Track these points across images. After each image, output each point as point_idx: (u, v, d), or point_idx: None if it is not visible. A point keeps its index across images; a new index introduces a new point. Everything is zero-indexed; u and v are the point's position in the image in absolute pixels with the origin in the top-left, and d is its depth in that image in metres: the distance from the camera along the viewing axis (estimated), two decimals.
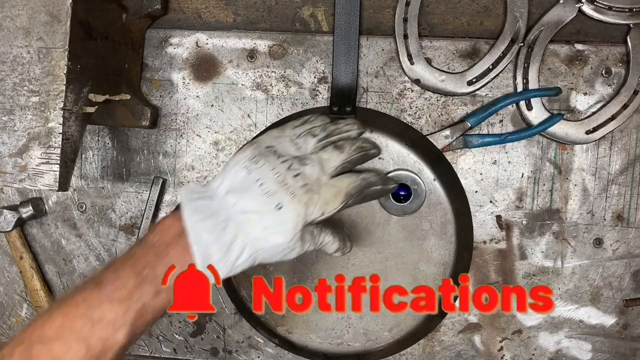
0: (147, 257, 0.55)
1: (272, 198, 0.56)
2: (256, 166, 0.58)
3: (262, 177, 0.57)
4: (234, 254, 0.56)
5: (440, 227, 0.82)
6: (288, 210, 0.56)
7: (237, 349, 0.87)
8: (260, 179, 0.57)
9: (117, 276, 0.54)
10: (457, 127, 0.78)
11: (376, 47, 0.80)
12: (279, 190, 0.57)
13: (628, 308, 0.80)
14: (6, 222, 0.84)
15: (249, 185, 0.57)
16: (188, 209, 0.56)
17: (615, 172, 0.79)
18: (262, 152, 0.60)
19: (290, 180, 0.57)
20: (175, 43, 0.83)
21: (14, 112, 0.64)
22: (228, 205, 0.56)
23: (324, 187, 0.59)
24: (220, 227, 0.55)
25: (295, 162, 0.59)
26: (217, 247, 0.55)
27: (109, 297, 0.53)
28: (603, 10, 0.75)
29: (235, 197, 0.57)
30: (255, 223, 0.56)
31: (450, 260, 0.82)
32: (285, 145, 0.61)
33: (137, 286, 0.54)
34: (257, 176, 0.57)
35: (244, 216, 0.56)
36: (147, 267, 0.55)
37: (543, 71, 0.78)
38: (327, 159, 0.61)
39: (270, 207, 0.56)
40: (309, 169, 0.59)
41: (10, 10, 0.64)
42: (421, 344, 0.84)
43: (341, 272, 0.83)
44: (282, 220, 0.56)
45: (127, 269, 0.55)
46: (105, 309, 0.52)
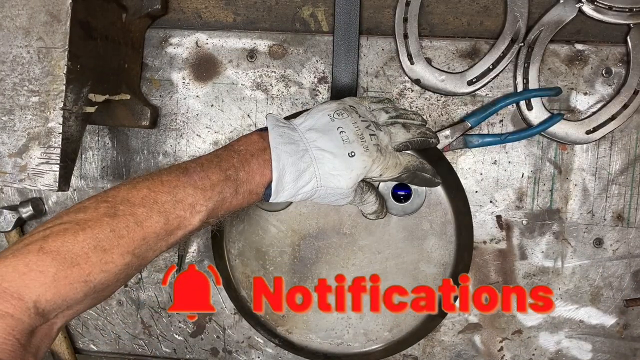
0: (231, 160, 0.62)
1: (348, 145, 0.63)
2: (340, 117, 0.65)
3: (343, 126, 0.64)
4: (303, 181, 0.63)
5: (440, 227, 0.82)
6: (357, 160, 0.63)
7: (237, 349, 0.87)
8: (341, 127, 0.64)
9: (202, 169, 0.60)
10: (457, 127, 0.78)
11: (376, 47, 0.80)
12: (355, 140, 0.64)
13: (628, 308, 0.80)
14: (6, 222, 0.84)
15: (331, 129, 0.64)
16: (273, 132, 0.63)
17: (616, 172, 0.79)
18: (347, 108, 0.67)
19: (367, 136, 0.64)
20: (175, 43, 0.83)
21: (14, 112, 0.64)
22: (308, 139, 0.64)
23: (389, 155, 0.66)
24: (298, 155, 0.62)
25: (372, 125, 0.66)
26: (291, 169, 0.62)
27: (193, 183, 0.58)
28: (603, 10, 0.75)
29: (316, 135, 0.64)
30: (327, 161, 0.63)
31: (450, 260, 0.82)
32: (364, 111, 0.68)
33: (221, 181, 0.60)
34: (339, 124, 0.64)
35: (320, 152, 0.63)
36: (231, 169, 0.61)
37: (543, 71, 0.78)
38: (395, 133, 0.67)
39: (344, 152, 0.63)
40: (382, 134, 0.66)
41: (10, 10, 0.64)
42: (421, 344, 0.84)
43: (341, 272, 0.83)
44: (350, 166, 0.63)
45: (213, 165, 0.61)
46: (188, 192, 0.58)
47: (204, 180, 0.59)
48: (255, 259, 0.84)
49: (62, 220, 0.54)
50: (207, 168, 0.60)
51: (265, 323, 0.85)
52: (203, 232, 0.86)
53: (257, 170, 0.62)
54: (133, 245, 0.54)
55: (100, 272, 0.53)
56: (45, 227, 0.53)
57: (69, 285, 0.51)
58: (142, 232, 0.55)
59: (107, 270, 0.53)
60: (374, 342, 0.84)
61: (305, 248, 0.83)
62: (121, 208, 0.55)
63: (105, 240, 0.53)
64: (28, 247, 0.50)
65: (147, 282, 0.87)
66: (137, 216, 0.55)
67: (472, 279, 0.82)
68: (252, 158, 0.62)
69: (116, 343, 0.89)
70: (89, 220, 0.53)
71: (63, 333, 0.88)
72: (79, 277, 0.51)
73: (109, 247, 0.53)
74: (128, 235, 0.54)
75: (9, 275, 0.49)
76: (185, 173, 0.59)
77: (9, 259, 0.50)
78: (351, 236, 0.82)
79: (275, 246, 0.83)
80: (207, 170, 0.60)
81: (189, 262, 0.86)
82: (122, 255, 0.54)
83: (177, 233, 0.58)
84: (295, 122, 0.67)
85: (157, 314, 0.88)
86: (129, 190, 0.57)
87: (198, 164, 0.61)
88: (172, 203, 0.57)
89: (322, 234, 0.83)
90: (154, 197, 0.57)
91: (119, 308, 0.88)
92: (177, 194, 0.58)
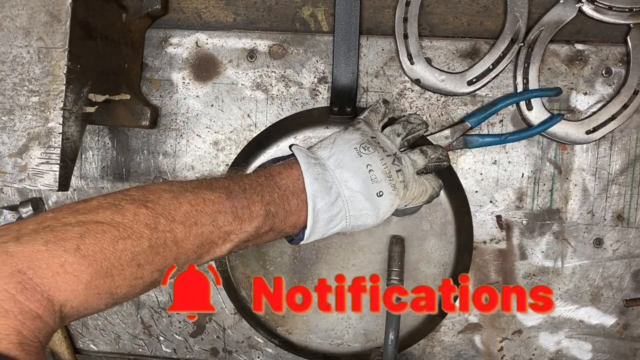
0: (273, 195, 0.61)
1: (376, 185, 0.65)
2: (366, 152, 0.66)
3: (372, 164, 0.65)
4: (333, 224, 0.65)
5: (440, 227, 0.82)
6: (385, 199, 0.65)
7: (237, 349, 0.87)
8: (370, 164, 0.65)
9: (245, 196, 0.58)
10: (457, 127, 0.78)
11: (376, 47, 0.80)
12: (383, 179, 0.65)
13: (628, 308, 0.80)
14: (6, 223, 0.84)
15: (359, 167, 0.65)
16: (309, 175, 0.63)
17: (616, 172, 0.79)
18: (370, 141, 0.67)
19: (394, 174, 0.66)
20: (175, 43, 0.83)
21: (14, 112, 0.64)
22: (340, 180, 0.64)
23: (415, 184, 0.69)
24: (331, 199, 0.63)
25: (396, 159, 0.68)
26: (325, 216, 0.63)
27: (234, 211, 0.57)
28: (603, 10, 0.75)
29: (346, 175, 0.64)
30: (358, 203, 0.64)
31: (450, 261, 0.82)
32: (382, 139, 0.70)
33: (260, 216, 0.59)
34: (368, 161, 0.65)
35: (352, 194, 0.64)
36: (272, 204, 0.60)
37: (543, 71, 0.78)
38: (415, 160, 0.70)
39: (374, 192, 0.65)
40: (405, 167, 0.68)
41: (10, 10, 0.64)
42: (421, 344, 0.84)
43: (341, 272, 0.83)
44: (378, 205, 0.65)
45: (255, 195, 0.59)
46: (228, 220, 0.56)
47: (245, 210, 0.58)
48: (255, 259, 0.84)
49: (98, 217, 0.50)
50: (250, 196, 0.59)
51: (265, 323, 0.85)
52: None
53: (295, 211, 0.62)
54: (165, 263, 0.52)
55: (128, 287, 0.50)
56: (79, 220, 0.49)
57: (96, 295, 0.48)
58: (176, 252, 0.53)
59: (135, 285, 0.51)
60: (374, 342, 0.84)
61: (305, 248, 0.83)
62: (162, 222, 0.52)
63: (142, 255, 0.50)
64: (64, 244, 0.46)
65: None
66: (176, 235, 0.52)
67: (472, 278, 0.82)
68: (292, 197, 0.62)
69: (116, 343, 0.89)
70: (128, 227, 0.50)
71: (63, 333, 0.88)
72: (109, 288, 0.49)
73: (144, 262, 0.50)
74: (163, 253, 0.52)
75: (42, 271, 0.45)
76: (229, 196, 0.57)
77: (42, 252, 0.45)
78: (351, 236, 0.82)
79: (275, 246, 0.83)
80: (249, 199, 0.58)
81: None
82: (152, 273, 0.51)
83: (204, 258, 0.56)
84: (321, 155, 0.66)
85: (157, 314, 0.88)
86: (171, 200, 0.54)
87: (241, 188, 0.59)
88: (211, 228, 0.55)
89: None
90: (195, 216, 0.54)
91: (119, 308, 0.88)
92: (217, 219, 0.55)
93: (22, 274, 0.44)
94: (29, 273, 0.44)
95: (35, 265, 0.45)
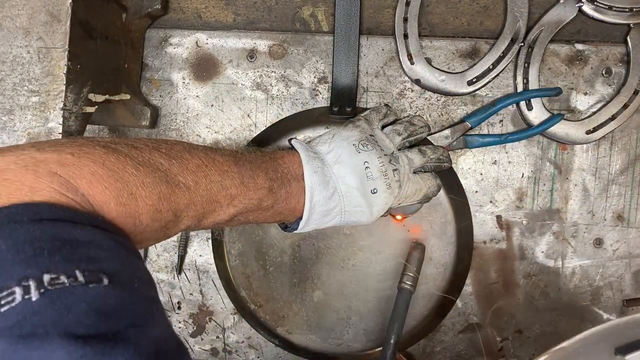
0: (276, 173, 0.62)
1: (372, 182, 0.65)
2: (365, 149, 0.66)
3: (369, 161, 0.66)
4: (328, 218, 0.66)
5: (440, 227, 0.82)
6: (379, 197, 0.66)
7: (237, 349, 0.87)
8: (367, 161, 0.66)
9: (251, 167, 0.60)
10: (457, 127, 0.78)
11: (376, 47, 0.80)
12: (379, 177, 0.66)
13: (628, 308, 0.80)
14: None
15: (357, 163, 0.65)
16: (308, 168, 0.64)
17: (616, 172, 0.79)
18: (369, 138, 0.68)
19: (390, 172, 0.67)
20: (175, 43, 0.83)
21: (14, 112, 0.64)
22: (337, 175, 0.65)
23: (409, 183, 0.69)
24: (329, 194, 0.64)
25: (393, 158, 0.68)
26: (320, 210, 0.64)
27: (240, 177, 0.58)
28: (603, 10, 0.75)
29: (344, 171, 0.65)
30: (354, 199, 0.65)
31: (450, 261, 0.82)
32: (381, 137, 0.70)
33: (264, 188, 0.60)
34: (365, 158, 0.66)
35: (348, 190, 0.65)
36: (276, 182, 0.61)
37: (543, 71, 0.78)
38: (412, 158, 0.70)
39: (369, 189, 0.65)
40: (401, 166, 0.68)
41: (10, 10, 0.64)
42: (421, 344, 0.84)
43: (341, 272, 0.83)
44: (372, 203, 0.66)
45: (260, 169, 0.61)
46: (235, 183, 0.57)
47: (250, 180, 0.59)
48: (255, 259, 0.84)
49: (118, 147, 0.48)
50: (256, 169, 0.60)
51: (265, 323, 0.85)
52: (203, 232, 0.86)
53: (295, 195, 0.63)
54: (178, 206, 0.52)
55: (149, 219, 0.49)
56: (99, 143, 0.48)
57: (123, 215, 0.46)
58: (188, 198, 0.52)
59: (155, 219, 0.50)
60: (374, 342, 0.84)
61: (305, 248, 0.83)
62: (176, 165, 0.52)
63: (161, 186, 0.49)
64: (90, 157, 0.45)
65: None
66: (188, 181, 0.52)
67: (472, 279, 0.82)
68: (293, 181, 0.63)
69: None
70: (144, 162, 0.49)
71: None
72: (134, 212, 0.47)
73: (163, 197, 0.50)
74: (178, 193, 0.51)
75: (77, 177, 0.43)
76: (236, 163, 0.59)
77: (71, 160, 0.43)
78: (351, 236, 0.82)
79: (275, 246, 0.83)
80: (254, 170, 0.60)
81: (189, 262, 0.86)
82: (168, 211, 0.51)
83: (208, 218, 0.56)
84: (320, 150, 0.67)
85: None
86: (183, 152, 0.54)
87: (247, 161, 0.60)
88: (218, 187, 0.56)
89: (322, 234, 0.83)
90: (205, 171, 0.55)
91: None
92: (224, 179, 0.56)
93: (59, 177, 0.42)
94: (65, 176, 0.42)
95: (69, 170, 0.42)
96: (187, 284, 0.87)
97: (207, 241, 0.85)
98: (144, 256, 0.87)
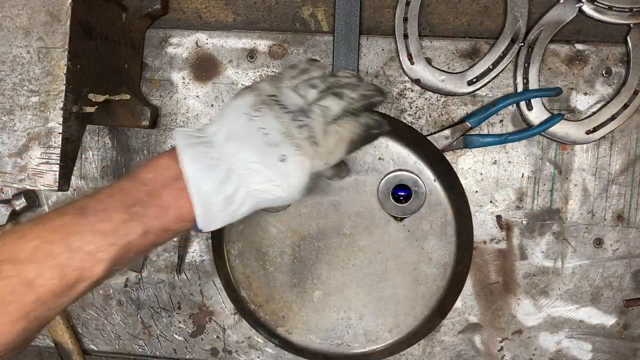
0: (138, 194, 0.52)
1: (276, 149, 0.53)
2: (259, 114, 0.55)
3: (266, 126, 0.54)
4: (236, 205, 0.54)
5: (440, 227, 0.82)
6: (292, 163, 0.54)
7: (237, 349, 0.87)
8: (263, 127, 0.54)
9: (103, 207, 0.51)
10: (457, 127, 0.78)
11: (376, 47, 0.80)
12: (283, 141, 0.54)
13: (628, 308, 0.80)
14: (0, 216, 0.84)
15: (251, 133, 0.54)
16: (187, 156, 0.53)
17: (616, 172, 0.79)
18: (265, 100, 0.56)
19: (295, 131, 0.54)
20: (175, 43, 0.83)
21: (14, 112, 0.64)
22: (229, 154, 0.54)
23: (327, 136, 0.56)
24: (221, 178, 0.53)
25: (300, 113, 0.56)
26: (218, 198, 0.53)
27: (91, 227, 0.50)
28: (603, 10, 0.75)
29: (236, 146, 0.54)
30: (257, 175, 0.53)
31: (450, 261, 0.82)
32: (287, 94, 0.58)
33: (125, 222, 0.51)
34: (260, 124, 0.54)
35: (246, 167, 0.53)
36: (138, 205, 0.52)
37: (543, 71, 0.78)
38: (328, 106, 0.57)
39: (274, 158, 0.53)
40: (313, 119, 0.56)
41: (10, 10, 0.64)
42: (421, 344, 0.84)
43: (341, 272, 0.83)
44: (286, 172, 0.54)
45: (115, 202, 0.52)
46: (86, 239, 0.50)
47: (105, 223, 0.50)
48: (255, 260, 0.84)
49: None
50: (109, 206, 0.51)
51: (265, 323, 0.85)
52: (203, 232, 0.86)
53: (171, 203, 0.53)
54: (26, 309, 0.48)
55: None
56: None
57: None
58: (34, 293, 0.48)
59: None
60: (374, 342, 0.84)
61: (305, 248, 0.83)
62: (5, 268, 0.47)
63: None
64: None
65: (147, 282, 0.87)
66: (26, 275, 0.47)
67: (472, 279, 0.82)
68: (163, 190, 0.53)
69: (116, 343, 0.89)
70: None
71: (65, 323, 0.88)
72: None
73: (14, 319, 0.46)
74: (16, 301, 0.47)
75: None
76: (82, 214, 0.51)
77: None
78: (351, 237, 0.82)
79: (275, 247, 0.83)
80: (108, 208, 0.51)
81: (189, 262, 0.86)
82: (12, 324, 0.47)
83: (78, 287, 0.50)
84: (209, 130, 0.56)
85: (157, 314, 0.88)
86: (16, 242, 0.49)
87: (97, 201, 0.52)
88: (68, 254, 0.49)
89: (322, 235, 0.83)
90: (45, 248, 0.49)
91: (119, 308, 0.88)
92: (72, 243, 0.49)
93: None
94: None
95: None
96: (187, 284, 0.87)
97: (207, 241, 0.85)
98: (144, 255, 0.87)
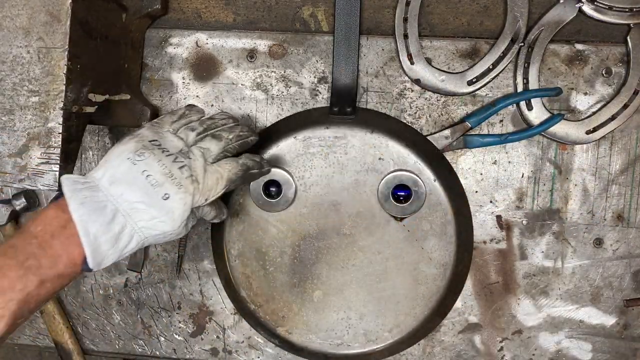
0: (29, 248, 0.56)
1: (159, 189, 0.59)
2: (141, 158, 0.60)
3: (148, 169, 0.60)
4: (123, 242, 0.59)
5: (440, 227, 0.81)
6: (174, 200, 0.60)
7: (237, 349, 0.87)
8: (146, 170, 0.60)
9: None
10: (457, 127, 0.78)
11: (376, 47, 0.80)
12: (165, 181, 0.60)
13: (628, 308, 0.80)
14: (0, 216, 0.84)
15: (135, 176, 0.59)
16: (74, 201, 0.57)
17: (616, 172, 0.79)
18: (146, 145, 0.62)
19: (177, 171, 0.61)
20: (175, 43, 0.83)
21: (14, 112, 0.64)
22: (114, 196, 0.59)
23: (207, 175, 0.63)
24: (108, 219, 0.58)
25: (180, 155, 0.62)
26: (106, 238, 0.57)
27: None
28: (603, 10, 0.75)
29: (121, 188, 0.59)
30: (142, 213, 0.59)
31: (450, 261, 0.82)
32: (168, 138, 0.64)
33: (20, 277, 0.54)
34: (143, 167, 0.60)
35: (132, 207, 0.59)
36: (31, 258, 0.55)
37: (543, 71, 0.78)
38: (207, 148, 0.64)
39: (157, 197, 0.59)
40: (193, 160, 0.63)
41: (10, 10, 0.64)
42: (421, 344, 0.84)
43: (341, 272, 0.83)
44: (169, 209, 0.60)
45: (7, 260, 0.55)
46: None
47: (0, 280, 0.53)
48: (255, 260, 0.84)
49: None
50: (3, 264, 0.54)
51: (265, 323, 0.85)
52: (203, 231, 0.86)
53: (62, 251, 0.56)
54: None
55: None
56: None
57: None
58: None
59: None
60: (374, 342, 0.84)
61: (306, 248, 0.83)
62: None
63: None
64: None
65: (147, 282, 0.87)
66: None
67: (472, 279, 0.82)
68: (52, 239, 0.56)
69: (116, 343, 0.89)
70: None
71: (65, 323, 0.88)
72: None
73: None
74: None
75: None
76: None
77: None
78: (351, 237, 0.82)
79: (275, 247, 0.83)
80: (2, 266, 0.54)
81: (189, 262, 0.86)
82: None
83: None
84: (95, 175, 0.61)
85: (157, 314, 0.88)
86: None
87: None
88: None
89: (322, 235, 0.83)
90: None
91: (119, 308, 0.88)
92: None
93: None
94: None
95: None
96: (187, 284, 0.87)
97: (207, 241, 0.86)
98: (144, 255, 0.87)
